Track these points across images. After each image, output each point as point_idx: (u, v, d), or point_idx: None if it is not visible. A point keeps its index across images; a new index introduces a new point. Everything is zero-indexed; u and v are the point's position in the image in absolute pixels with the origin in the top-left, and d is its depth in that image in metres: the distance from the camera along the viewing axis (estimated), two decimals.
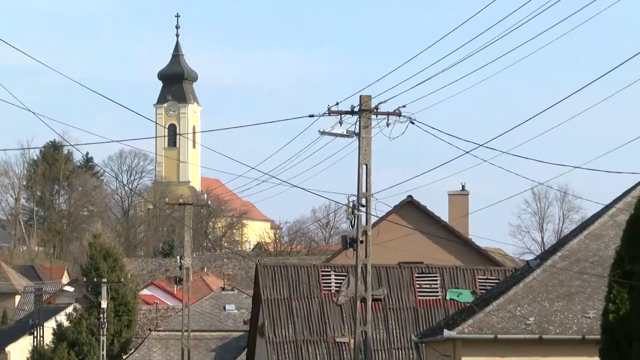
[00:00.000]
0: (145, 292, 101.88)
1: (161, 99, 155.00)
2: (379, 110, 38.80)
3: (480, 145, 51.11)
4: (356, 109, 38.79)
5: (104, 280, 79.80)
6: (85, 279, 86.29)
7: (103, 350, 77.19)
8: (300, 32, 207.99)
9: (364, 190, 39.03)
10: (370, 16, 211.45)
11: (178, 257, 73.01)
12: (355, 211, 39.37)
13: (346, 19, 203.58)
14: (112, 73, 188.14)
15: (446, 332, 38.04)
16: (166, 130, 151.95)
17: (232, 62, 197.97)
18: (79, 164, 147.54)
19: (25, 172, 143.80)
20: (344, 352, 52.03)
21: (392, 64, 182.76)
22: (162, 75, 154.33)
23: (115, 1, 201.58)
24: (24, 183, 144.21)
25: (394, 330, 53.11)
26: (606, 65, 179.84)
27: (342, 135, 39.27)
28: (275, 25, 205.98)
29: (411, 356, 50.21)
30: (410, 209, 62.55)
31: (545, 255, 43.71)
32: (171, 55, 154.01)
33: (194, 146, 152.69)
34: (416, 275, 55.01)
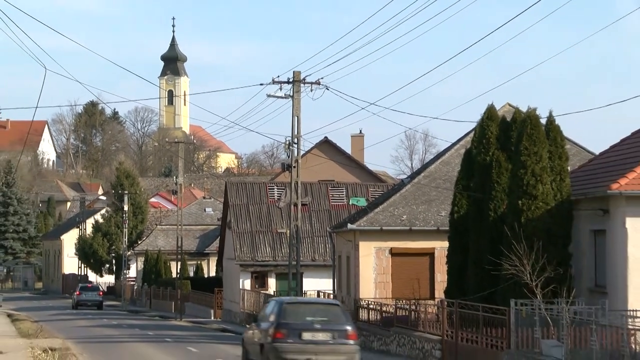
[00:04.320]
0: (152, 200, 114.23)
1: (163, 73, 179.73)
2: (305, 81, 44.62)
3: (372, 104, 62.75)
4: (291, 80, 44.73)
5: (126, 192, 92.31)
6: (113, 191, 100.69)
7: (125, 237, 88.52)
8: (257, 27, 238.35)
9: (295, 133, 45.02)
10: (305, 19, 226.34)
11: (174, 177, 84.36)
12: (290, 147, 45.37)
13: (287, 18, 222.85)
14: (131, 56, 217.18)
15: (349, 225, 43.73)
16: (166, 93, 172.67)
17: (209, 49, 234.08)
18: (108, 115, 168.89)
19: (73, 120, 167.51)
20: (283, 239, 59.15)
21: (315, 49, 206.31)
22: (163, 58, 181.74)
23: (131, 6, 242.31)
24: (72, 128, 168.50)
25: (315, 224, 61.04)
26: (459, 46, 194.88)
27: (281, 97, 45.04)
28: (239, 22, 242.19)
29: (327, 241, 57.00)
30: (326, 146, 72.01)
31: (414, 175, 49.12)
32: (169, 45, 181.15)
33: (184, 104, 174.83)
34: (330, 188, 63.54)
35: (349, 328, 28.27)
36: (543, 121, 31.19)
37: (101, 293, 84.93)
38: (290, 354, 27.47)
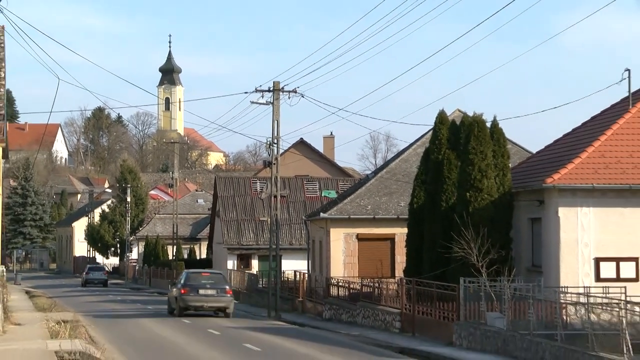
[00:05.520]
0: (152, 192, 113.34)
1: (161, 83, 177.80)
2: (284, 90, 44.29)
3: (341, 109, 62.98)
4: (271, 89, 44.40)
5: (129, 185, 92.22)
6: (118, 185, 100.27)
7: (128, 224, 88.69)
8: (243, 43, 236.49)
9: (275, 135, 44.51)
10: (285, 35, 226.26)
11: (171, 173, 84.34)
12: (271, 147, 44.78)
13: (269, 35, 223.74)
14: (133, 67, 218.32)
15: (322, 214, 44.24)
16: (164, 100, 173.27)
17: (201, 61, 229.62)
18: (113, 119, 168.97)
19: (83, 124, 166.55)
20: (265, 226, 59.03)
21: (293, 62, 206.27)
22: (161, 69, 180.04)
23: (134, 25, 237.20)
24: (82, 130, 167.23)
25: (292, 214, 61.32)
26: (417, 59, 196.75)
27: (263, 104, 44.58)
28: (227, 38, 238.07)
29: (302, 228, 56.76)
30: (302, 146, 71.93)
31: (377, 171, 49.10)
32: (166, 58, 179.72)
33: (179, 109, 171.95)
34: (305, 182, 63.69)
35: (227, 287, 41.15)
36: (488, 124, 31.18)
37: (106, 273, 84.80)
38: (191, 301, 40.04)
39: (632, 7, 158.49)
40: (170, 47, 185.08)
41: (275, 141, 44.89)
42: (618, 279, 27.42)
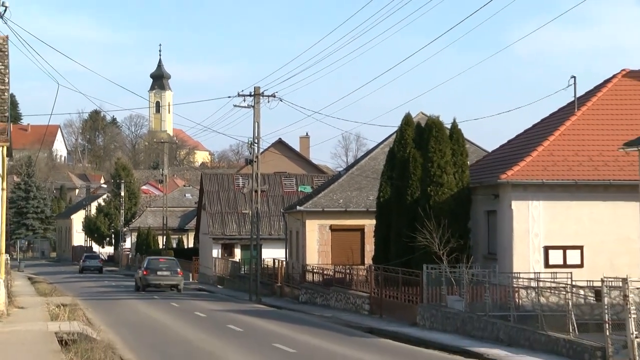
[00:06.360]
0: (143, 187, 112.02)
1: (151, 88, 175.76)
2: (264, 94, 44.01)
3: (316, 112, 61.84)
4: (252, 94, 44.08)
5: (122, 181, 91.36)
6: (112, 181, 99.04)
7: (122, 217, 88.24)
8: (227, 51, 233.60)
9: (256, 135, 44.49)
10: (266, 44, 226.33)
11: (161, 170, 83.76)
12: (252, 146, 44.81)
13: (251, 43, 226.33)
14: (126, 74, 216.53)
15: (298, 207, 44.21)
16: (154, 104, 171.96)
17: (189, 68, 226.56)
18: (108, 121, 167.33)
19: (81, 125, 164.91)
20: (246, 218, 58.96)
21: (272, 69, 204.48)
22: (152, 76, 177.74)
23: (128, 35, 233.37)
24: (80, 131, 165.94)
25: (272, 207, 60.78)
26: (385, 66, 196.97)
27: (245, 107, 44.37)
28: (213, 47, 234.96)
29: (280, 220, 57.06)
30: (280, 145, 71.50)
31: (348, 168, 49.37)
32: (157, 65, 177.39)
33: (169, 112, 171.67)
34: (283, 178, 63.32)
35: (178, 270, 49.27)
36: (449, 126, 31.23)
37: (101, 260, 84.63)
38: (151, 280, 48.10)
39: (631, 4, 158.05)
40: (160, 55, 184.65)
41: (256, 141, 44.81)
42: (565, 265, 27.50)
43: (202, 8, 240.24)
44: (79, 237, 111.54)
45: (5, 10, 23.46)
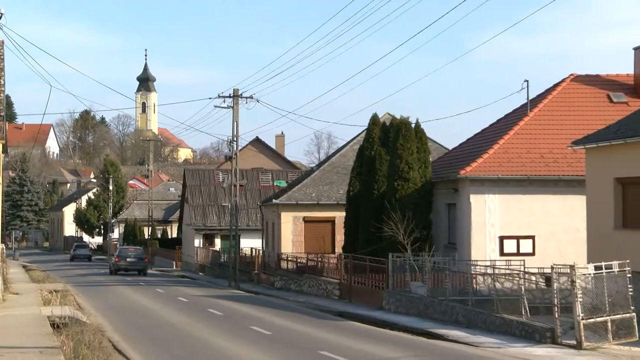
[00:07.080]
0: (130, 182, 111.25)
1: (138, 90, 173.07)
2: (242, 96, 43.91)
3: (290, 112, 61.82)
4: (231, 95, 43.94)
5: (111, 176, 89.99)
6: (101, 176, 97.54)
7: (110, 209, 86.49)
8: (208, 55, 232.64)
9: (235, 134, 44.22)
10: (244, 49, 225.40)
11: (147, 165, 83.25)
12: (231, 143, 44.64)
13: (230, 48, 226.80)
14: (114, 76, 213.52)
15: (274, 200, 44.02)
16: (141, 104, 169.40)
17: (172, 71, 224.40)
18: (98, 120, 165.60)
19: (72, 124, 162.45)
20: (226, 210, 58.91)
21: (250, 72, 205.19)
22: (138, 78, 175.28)
23: (116, 40, 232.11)
24: (71, 129, 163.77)
25: (249, 200, 60.34)
26: (354, 70, 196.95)
27: (225, 108, 44.10)
28: (195, 51, 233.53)
29: (257, 212, 56.74)
30: (257, 143, 71.37)
31: (320, 164, 49.19)
32: (143, 69, 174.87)
33: (154, 112, 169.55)
34: (260, 174, 62.96)
35: (144, 257, 54.52)
36: (413, 125, 31.24)
37: (90, 249, 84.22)
38: (121, 265, 52.90)
39: (578, 13, 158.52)
40: (146, 59, 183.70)
41: (235, 139, 44.61)
42: (518, 253, 27.58)
43: (185, 16, 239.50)
44: (70, 228, 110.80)
45: (0, 17, 23.19)
